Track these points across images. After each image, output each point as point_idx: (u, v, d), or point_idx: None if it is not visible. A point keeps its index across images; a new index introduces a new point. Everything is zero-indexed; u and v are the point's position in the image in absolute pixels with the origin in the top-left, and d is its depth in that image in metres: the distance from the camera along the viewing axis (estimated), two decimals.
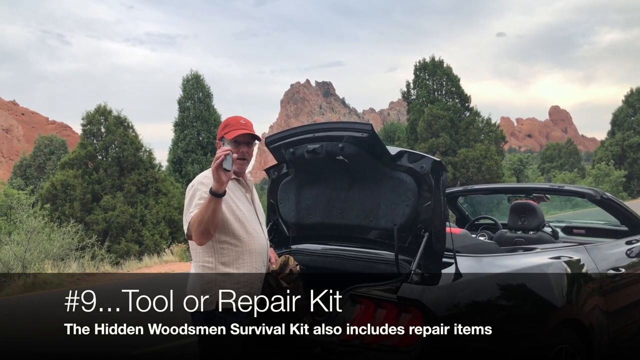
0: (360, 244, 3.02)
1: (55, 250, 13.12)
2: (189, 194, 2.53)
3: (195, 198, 2.47)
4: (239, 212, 2.52)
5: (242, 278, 2.50)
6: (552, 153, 49.54)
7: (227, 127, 2.62)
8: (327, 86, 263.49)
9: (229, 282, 2.47)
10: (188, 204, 2.50)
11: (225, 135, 2.60)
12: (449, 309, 2.36)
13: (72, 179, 17.50)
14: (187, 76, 24.90)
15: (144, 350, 5.39)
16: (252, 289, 2.53)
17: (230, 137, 2.56)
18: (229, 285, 2.47)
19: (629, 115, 37.63)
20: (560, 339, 2.77)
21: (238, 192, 2.59)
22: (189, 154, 23.75)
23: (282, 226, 3.36)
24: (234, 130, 2.59)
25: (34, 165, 34.18)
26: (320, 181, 3.06)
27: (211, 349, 2.48)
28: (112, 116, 18.77)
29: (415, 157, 2.64)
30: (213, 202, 2.30)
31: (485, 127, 28.75)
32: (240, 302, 2.48)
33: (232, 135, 2.57)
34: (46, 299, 8.08)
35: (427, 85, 29.36)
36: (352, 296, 2.55)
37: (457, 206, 5.03)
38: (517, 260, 2.93)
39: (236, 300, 2.47)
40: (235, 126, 2.61)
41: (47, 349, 5.66)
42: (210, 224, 2.34)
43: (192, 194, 2.50)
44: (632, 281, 3.50)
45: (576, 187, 4.04)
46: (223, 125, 2.66)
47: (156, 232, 17.46)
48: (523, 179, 32.81)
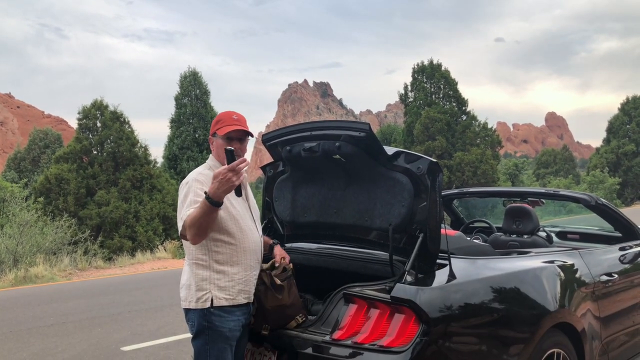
0: (355, 243, 3.01)
1: (48, 244, 13.05)
2: (183, 191, 2.50)
3: (189, 195, 2.44)
4: (233, 209, 2.50)
5: (236, 276, 2.48)
6: (548, 159, 49.72)
7: (220, 123, 2.58)
8: (325, 87, 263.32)
9: (223, 280, 2.46)
10: (182, 201, 2.47)
11: (217, 131, 2.56)
12: (442, 310, 2.36)
13: (67, 173, 17.41)
14: (185, 73, 24.84)
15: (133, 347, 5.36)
16: (246, 286, 2.51)
17: (222, 133, 2.53)
18: (223, 283, 2.45)
19: (625, 123, 37.82)
20: (552, 343, 2.77)
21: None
22: (184, 150, 23.69)
23: (276, 224, 3.35)
24: (226, 126, 2.54)
25: (28, 158, 34.01)
26: (316, 180, 3.05)
27: (205, 345, 2.46)
28: (109, 111, 18.68)
29: (412, 158, 2.64)
30: (210, 210, 2.24)
31: (481, 132, 28.83)
32: (234, 299, 2.46)
33: (225, 131, 2.53)
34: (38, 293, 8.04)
35: (424, 88, 29.41)
36: (346, 295, 2.54)
37: (452, 209, 5.04)
38: (511, 263, 2.93)
39: (230, 298, 2.45)
40: (228, 122, 2.57)
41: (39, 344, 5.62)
42: (207, 228, 2.33)
43: (187, 191, 2.47)
44: (625, 287, 3.51)
45: (571, 193, 4.05)
46: (215, 121, 2.62)
47: (150, 228, 17.39)
48: (518, 184, 32.91)
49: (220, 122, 2.59)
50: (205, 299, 2.44)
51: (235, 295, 2.47)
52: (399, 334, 2.31)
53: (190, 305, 2.48)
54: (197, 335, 2.48)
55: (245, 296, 2.51)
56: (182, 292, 2.55)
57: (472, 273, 2.61)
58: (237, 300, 2.47)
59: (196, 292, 2.46)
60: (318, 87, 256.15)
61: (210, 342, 2.45)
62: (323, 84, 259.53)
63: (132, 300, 7.74)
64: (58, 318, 6.63)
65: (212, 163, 2.62)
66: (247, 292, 2.51)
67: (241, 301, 2.49)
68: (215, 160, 2.62)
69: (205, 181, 2.46)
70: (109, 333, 5.86)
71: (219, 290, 2.44)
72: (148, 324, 6.20)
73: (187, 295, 2.50)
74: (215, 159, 2.62)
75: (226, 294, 2.45)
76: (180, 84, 24.79)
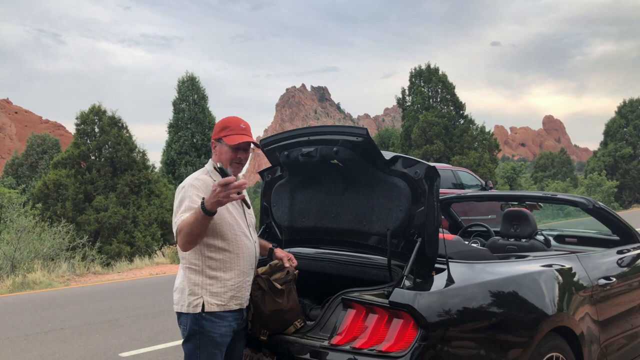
0: (353, 248, 3.01)
1: (46, 250, 13.01)
2: (179, 196, 2.49)
3: (185, 201, 2.43)
4: (228, 215, 2.50)
5: (229, 282, 2.47)
6: (545, 162, 49.82)
7: (227, 130, 2.55)
8: (323, 91, 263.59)
9: (216, 286, 2.45)
10: (178, 207, 2.46)
11: (224, 138, 2.54)
12: (441, 314, 2.35)
13: (65, 179, 17.39)
14: (183, 78, 24.86)
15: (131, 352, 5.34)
16: (239, 292, 2.51)
17: (231, 142, 2.51)
18: (215, 289, 2.45)
19: (622, 127, 37.90)
20: (551, 347, 2.77)
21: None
22: (182, 155, 23.69)
23: (274, 229, 3.35)
24: (235, 135, 2.53)
25: (26, 164, 33.94)
26: (314, 185, 3.05)
27: (196, 350, 2.45)
28: (107, 116, 18.68)
29: (410, 163, 2.64)
30: (203, 218, 2.23)
31: (479, 135, 28.88)
32: (225, 305, 2.46)
33: (235, 141, 2.51)
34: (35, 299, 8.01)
35: (422, 92, 29.46)
36: (344, 300, 2.54)
37: (450, 213, 5.04)
38: (509, 267, 2.93)
39: (222, 304, 2.46)
40: (236, 130, 2.55)
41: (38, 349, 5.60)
42: (198, 237, 2.32)
43: (182, 196, 2.46)
44: (623, 290, 3.51)
45: (569, 196, 4.05)
46: (222, 126, 2.59)
47: (148, 233, 17.36)
48: (516, 188, 32.92)
49: (228, 129, 2.56)
50: (196, 304, 2.44)
51: (227, 301, 2.46)
52: (398, 339, 2.30)
53: (182, 309, 2.48)
54: (188, 338, 2.48)
55: (237, 302, 2.50)
56: (175, 296, 2.55)
57: (471, 277, 2.61)
58: (229, 306, 2.47)
59: (188, 297, 2.45)
60: (316, 92, 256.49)
61: (200, 346, 2.45)
62: (321, 88, 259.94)
63: (130, 305, 7.71)
64: (56, 324, 6.61)
65: (210, 168, 2.61)
66: (239, 298, 2.51)
67: (232, 307, 2.48)
68: (215, 164, 2.60)
69: (201, 187, 2.46)
70: (107, 339, 5.84)
71: (211, 296, 2.44)
72: (146, 329, 6.18)
73: (179, 299, 2.50)
74: (216, 163, 2.60)
75: (218, 299, 2.45)
76: (178, 89, 24.81)
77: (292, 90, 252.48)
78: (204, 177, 2.53)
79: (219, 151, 2.58)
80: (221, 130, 2.57)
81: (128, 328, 6.29)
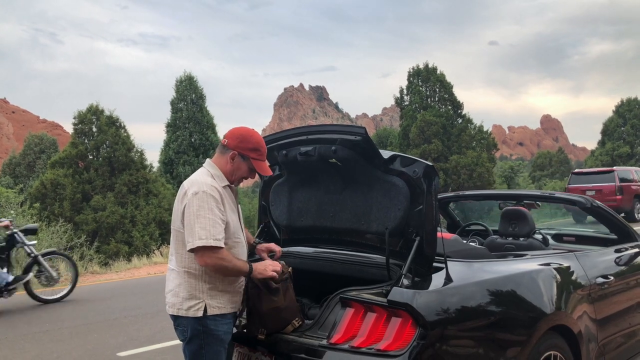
0: (352, 247, 3.01)
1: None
2: (194, 203, 2.37)
3: (208, 215, 2.35)
4: (235, 223, 2.53)
5: (228, 286, 2.51)
6: (543, 161, 49.93)
7: (258, 154, 2.54)
8: (321, 90, 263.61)
9: (215, 290, 2.47)
10: (196, 215, 2.35)
11: (253, 160, 2.53)
12: (439, 313, 2.35)
13: (62, 178, 17.36)
14: (180, 77, 24.85)
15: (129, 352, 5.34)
16: (235, 296, 2.55)
17: (260, 171, 2.55)
18: (214, 292, 2.47)
19: (619, 126, 38.01)
20: (549, 346, 2.77)
21: (230, 201, 2.55)
22: (180, 155, 23.67)
23: (273, 228, 3.35)
24: (264, 164, 2.57)
25: (23, 163, 33.90)
26: (312, 184, 3.05)
27: (201, 349, 2.47)
28: (104, 116, 18.66)
29: (408, 161, 2.64)
30: (243, 275, 2.48)
31: (477, 134, 28.91)
32: (224, 307, 2.49)
33: (263, 171, 2.57)
34: None
35: (420, 91, 29.49)
36: (343, 299, 2.54)
37: (448, 212, 5.05)
38: (508, 266, 2.93)
39: (221, 307, 2.48)
40: (264, 156, 2.57)
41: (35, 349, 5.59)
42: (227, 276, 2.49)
43: (200, 205, 2.36)
44: (621, 289, 3.52)
45: (567, 195, 4.05)
46: (254, 147, 2.52)
47: (146, 233, 17.34)
48: (514, 187, 32.99)
49: (259, 152, 2.54)
50: (198, 308, 2.45)
51: (225, 303, 2.50)
52: (396, 338, 2.30)
53: (180, 313, 2.47)
54: (191, 339, 2.48)
55: (232, 306, 2.54)
56: (170, 298, 2.54)
57: (469, 276, 2.62)
58: (227, 309, 2.51)
59: (188, 301, 2.46)
60: (314, 91, 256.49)
61: (205, 345, 2.46)
62: (319, 88, 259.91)
63: (129, 305, 7.70)
64: (53, 324, 6.59)
65: (215, 172, 2.53)
66: (235, 302, 2.55)
67: (229, 310, 2.52)
68: (218, 169, 2.54)
69: (219, 198, 2.42)
70: (105, 338, 5.83)
71: (211, 299, 2.46)
72: (144, 329, 6.18)
73: (175, 302, 2.49)
74: (220, 170, 2.54)
75: (217, 302, 2.47)
76: (175, 89, 24.80)
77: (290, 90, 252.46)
78: (216, 184, 2.47)
79: (236, 164, 2.53)
80: (252, 151, 2.52)
81: (126, 327, 6.28)
